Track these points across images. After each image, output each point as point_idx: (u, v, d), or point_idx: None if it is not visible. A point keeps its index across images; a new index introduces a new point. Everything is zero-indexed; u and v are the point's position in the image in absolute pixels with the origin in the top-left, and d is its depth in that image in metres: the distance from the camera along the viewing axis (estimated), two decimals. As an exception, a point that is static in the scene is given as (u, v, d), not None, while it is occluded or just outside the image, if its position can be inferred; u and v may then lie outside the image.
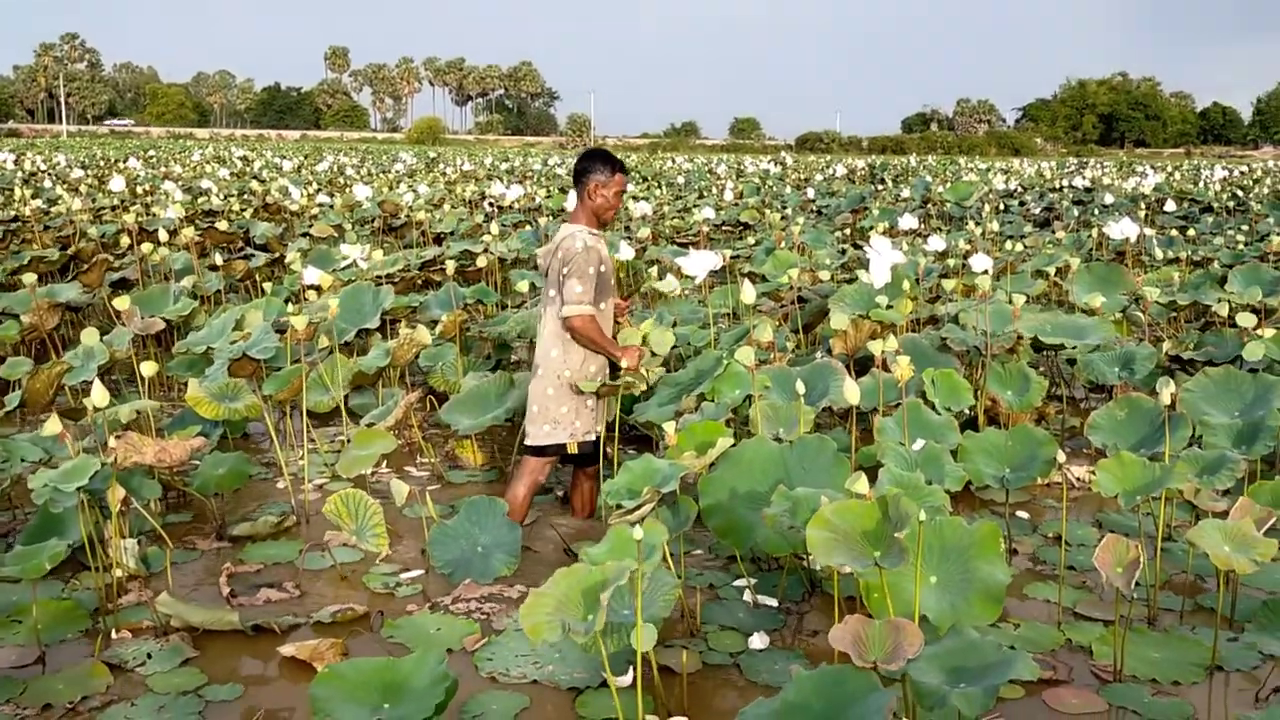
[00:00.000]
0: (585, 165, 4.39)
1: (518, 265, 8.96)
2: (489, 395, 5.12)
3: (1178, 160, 55.61)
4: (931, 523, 3.26)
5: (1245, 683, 3.19)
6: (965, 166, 34.06)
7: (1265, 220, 14.55)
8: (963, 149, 76.40)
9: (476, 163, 33.45)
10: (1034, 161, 47.70)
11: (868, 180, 25.01)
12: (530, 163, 34.69)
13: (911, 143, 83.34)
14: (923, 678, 2.56)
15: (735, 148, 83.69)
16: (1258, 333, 5.47)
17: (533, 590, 2.71)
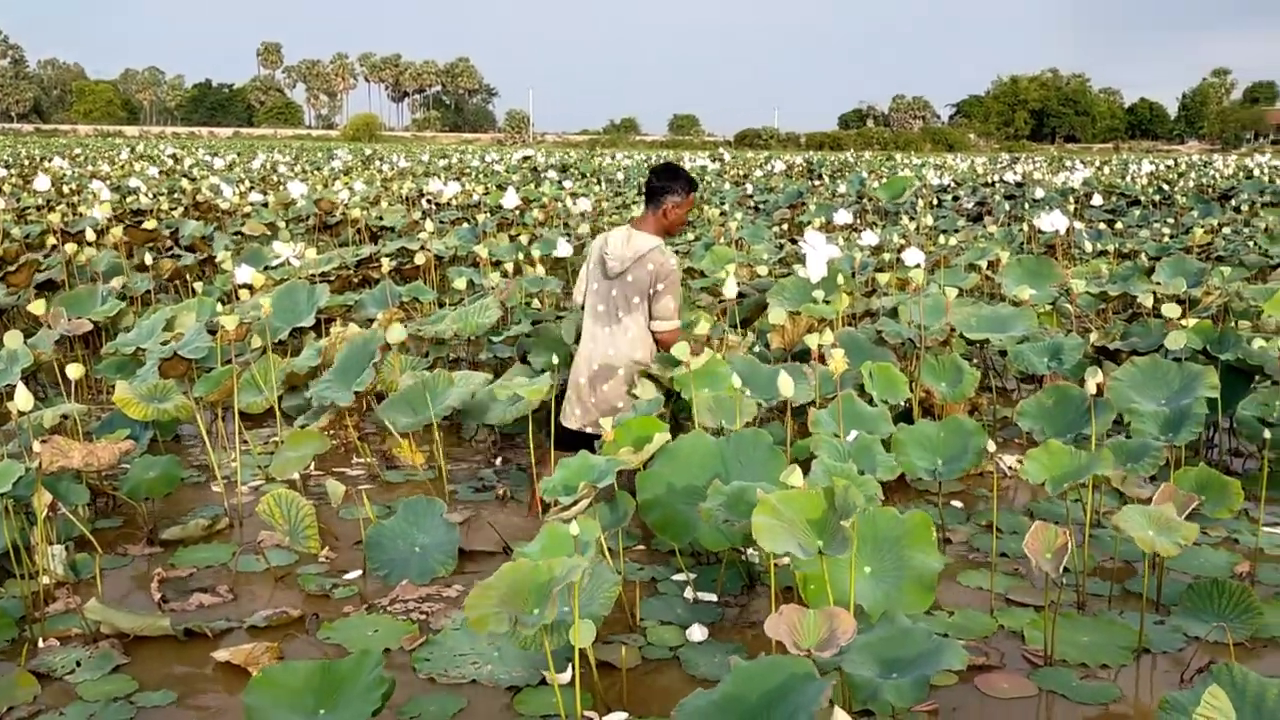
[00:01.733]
0: (664, 184, 4.48)
1: (455, 263, 8.90)
2: (426, 394, 5.08)
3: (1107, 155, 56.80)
4: (865, 513, 3.31)
5: (1171, 664, 3.28)
6: (901, 162, 34.49)
7: (1190, 213, 14.93)
8: (899, 145, 77.29)
9: (414, 160, 33.15)
10: (968, 157, 48.42)
11: (805, 176, 25.21)
12: (468, 159, 34.46)
13: (849, 139, 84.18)
14: (856, 669, 2.59)
15: (675, 144, 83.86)
16: (1182, 323, 5.60)
17: (477, 582, 2.70)
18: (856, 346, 5.53)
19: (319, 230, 11.95)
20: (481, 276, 7.26)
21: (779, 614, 2.62)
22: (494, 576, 2.67)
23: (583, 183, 21.22)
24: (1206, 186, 20.75)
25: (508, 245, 8.92)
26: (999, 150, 72.31)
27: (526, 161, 29.49)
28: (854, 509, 2.89)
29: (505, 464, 5.34)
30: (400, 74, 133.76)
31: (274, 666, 2.79)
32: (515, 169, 25.73)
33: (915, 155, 50.78)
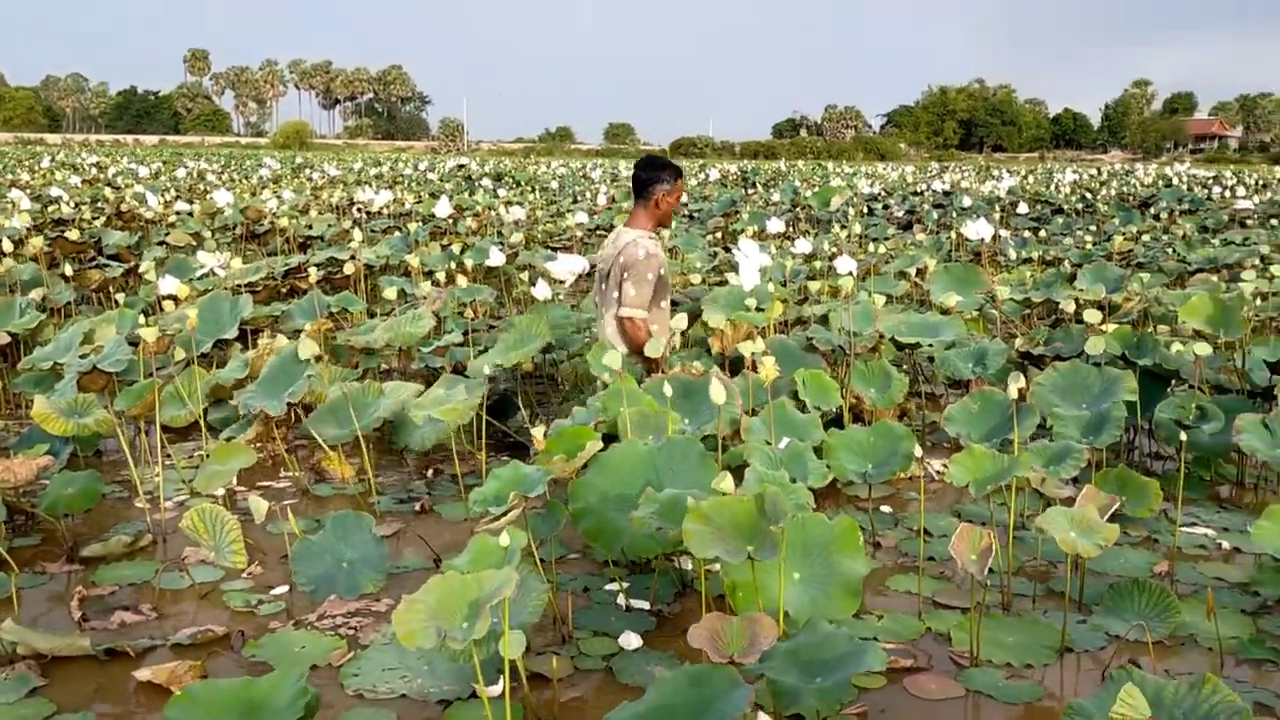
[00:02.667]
0: (650, 175, 4.58)
1: (386, 272, 8.82)
2: (356, 405, 5.02)
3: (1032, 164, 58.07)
4: (795, 519, 3.34)
5: (1092, 663, 3.35)
6: (833, 171, 34.91)
7: (1111, 221, 15.33)
8: (831, 154, 78.27)
9: (345, 168, 32.78)
10: (899, 166, 49.19)
11: (739, 184, 25.41)
12: (401, 168, 34.16)
13: (782, 148, 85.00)
14: (779, 674, 2.61)
15: (610, 152, 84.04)
16: (1102, 328, 5.74)
17: (405, 597, 2.67)
18: (788, 353, 5.58)
19: (246, 240, 11.76)
20: (413, 286, 7.20)
21: (702, 622, 2.64)
22: (421, 590, 2.64)
23: (517, 191, 21.16)
24: (1127, 195, 21.31)
25: (440, 254, 8.86)
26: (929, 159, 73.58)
27: (460, 170, 29.35)
28: (784, 514, 2.92)
29: (437, 475, 5.29)
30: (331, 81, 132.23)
31: (195, 684, 2.74)
32: (449, 177, 25.58)
33: (847, 164, 51.42)
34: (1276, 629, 3.59)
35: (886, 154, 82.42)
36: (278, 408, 4.83)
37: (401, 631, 2.48)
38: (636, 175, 4.63)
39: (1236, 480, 5.22)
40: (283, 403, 4.85)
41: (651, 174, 4.57)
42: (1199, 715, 2.24)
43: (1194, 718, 2.25)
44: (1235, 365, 5.72)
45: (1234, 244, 12.38)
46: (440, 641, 2.45)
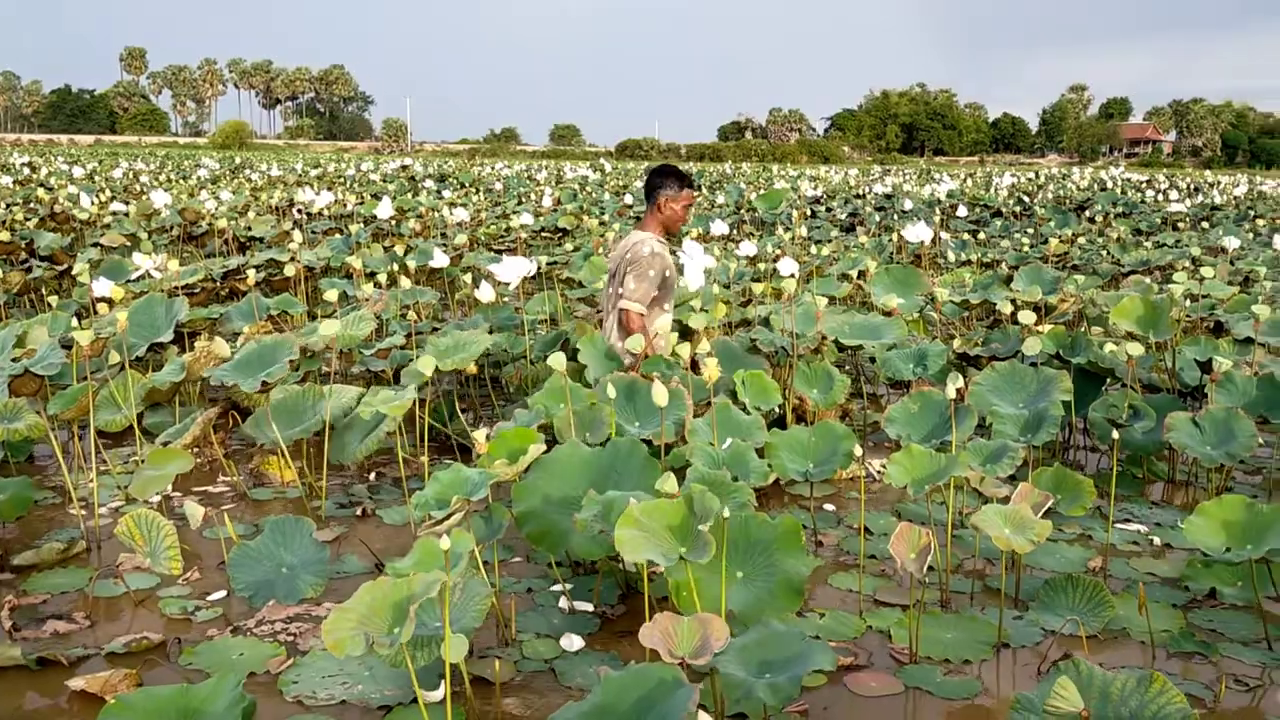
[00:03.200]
0: (657, 180, 4.75)
1: (328, 274, 8.72)
2: (296, 407, 4.96)
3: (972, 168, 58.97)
4: (737, 519, 3.36)
5: (1029, 658, 3.41)
6: (778, 174, 35.16)
7: (1048, 224, 15.61)
8: (776, 157, 78.81)
9: (286, 168, 32.36)
10: (842, 169, 49.67)
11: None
12: (343, 168, 33.79)
13: (728, 150, 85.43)
14: (731, 671, 2.63)
15: (556, 154, 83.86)
16: (1038, 329, 5.85)
17: (336, 606, 2.65)
18: (731, 355, 5.61)
19: (184, 241, 11.57)
20: (354, 288, 7.13)
21: (653, 622, 2.64)
22: (352, 598, 2.61)
23: (461, 192, 21.04)
24: (1064, 198, 21.72)
25: (382, 256, 8.79)
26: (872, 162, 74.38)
27: (404, 171, 29.12)
28: (713, 513, 2.93)
29: (379, 478, 5.25)
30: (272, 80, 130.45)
31: (130, 693, 2.69)
32: (392, 178, 25.36)
33: (792, 167, 51.83)
34: (1206, 623, 3.68)
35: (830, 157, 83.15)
36: (252, 385, 4.77)
37: (330, 640, 2.46)
38: (647, 181, 4.81)
39: (1168, 477, 5.34)
40: (257, 381, 4.79)
41: (658, 179, 4.74)
42: (1145, 715, 2.28)
43: (1140, 716, 2.28)
44: (1166, 365, 5.86)
45: (1166, 246, 12.69)
46: (369, 648, 2.42)
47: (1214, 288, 7.99)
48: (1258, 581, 3.71)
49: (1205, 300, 7.69)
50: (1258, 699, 3.19)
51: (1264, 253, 11.94)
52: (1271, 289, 8.66)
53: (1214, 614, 3.76)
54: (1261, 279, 9.25)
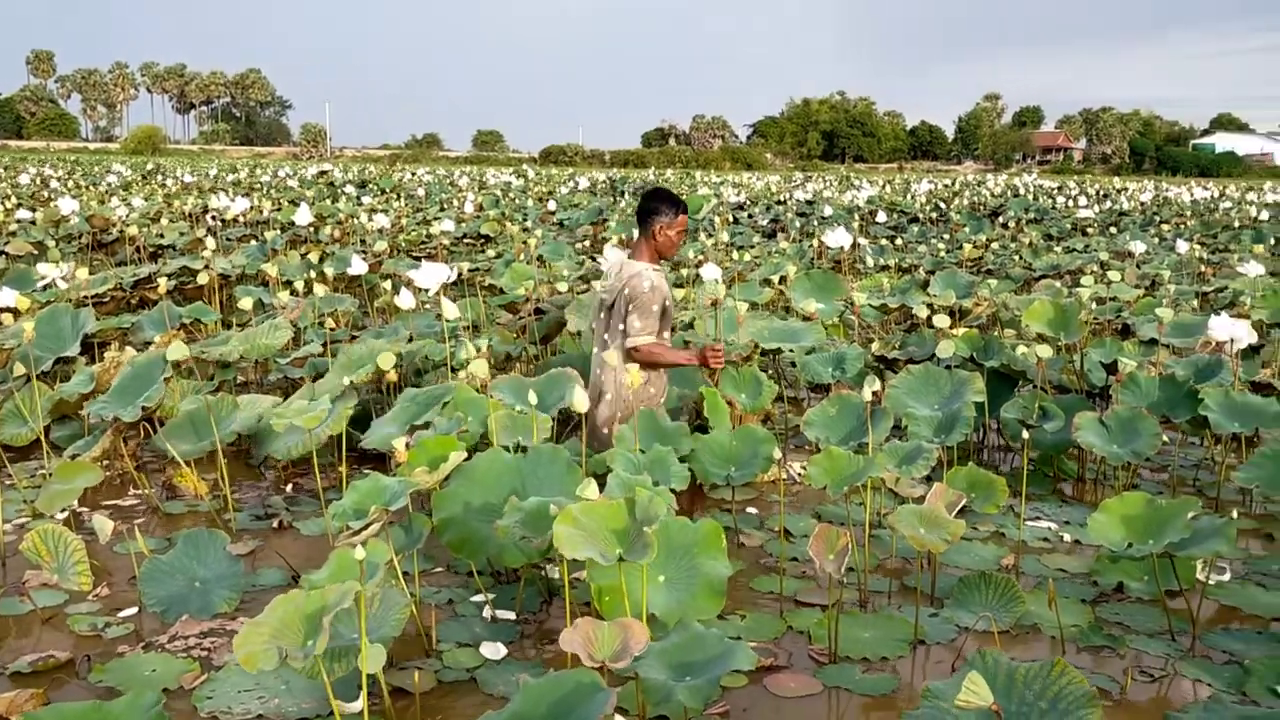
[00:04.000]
0: (652, 205, 4.57)
1: (243, 281, 8.56)
2: (209, 418, 4.86)
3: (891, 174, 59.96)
4: (659, 523, 3.37)
5: (945, 654, 3.48)
6: (701, 180, 35.38)
7: (963, 229, 15.94)
8: (699, 163, 79.26)
9: (200, 174, 31.68)
10: (765, 175, 50.19)
11: (609, 193, 25.52)
12: (260, 174, 33.19)
13: (652, 156, 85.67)
14: (651, 674, 2.64)
15: (479, 160, 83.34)
16: (952, 332, 5.97)
17: (248, 621, 2.60)
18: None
19: (93, 249, 11.27)
20: (270, 296, 7.01)
21: (574, 627, 2.64)
22: (265, 611, 2.57)
23: (382, 198, 20.80)
24: (978, 204, 22.21)
25: (299, 263, 8.65)
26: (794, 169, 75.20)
27: (323, 176, 28.70)
28: (656, 517, 2.95)
29: (296, 490, 5.16)
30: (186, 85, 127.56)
31: (39, 710, 2.61)
32: (310, 184, 24.98)
33: (715, 173, 52.18)
34: (1114, 616, 3.79)
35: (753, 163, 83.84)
36: (132, 413, 4.65)
37: (242, 655, 2.42)
38: (639, 207, 4.68)
39: (1078, 476, 5.49)
40: (137, 408, 4.67)
41: (652, 205, 4.61)
42: (1048, 697, 2.36)
43: (1044, 699, 2.36)
44: (1075, 366, 6.02)
45: (1076, 251, 13.04)
46: (282, 661, 2.39)
47: (1121, 291, 8.24)
48: (1161, 575, 3.83)
49: (1112, 303, 7.93)
50: (1163, 689, 3.29)
51: (1169, 256, 12.34)
52: (1175, 292, 8.96)
53: (1121, 608, 3.87)
54: (1166, 282, 9.56)
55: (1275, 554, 4.45)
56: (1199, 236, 15.61)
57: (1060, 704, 2.35)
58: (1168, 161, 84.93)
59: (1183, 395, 5.09)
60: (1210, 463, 5.68)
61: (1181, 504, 3.63)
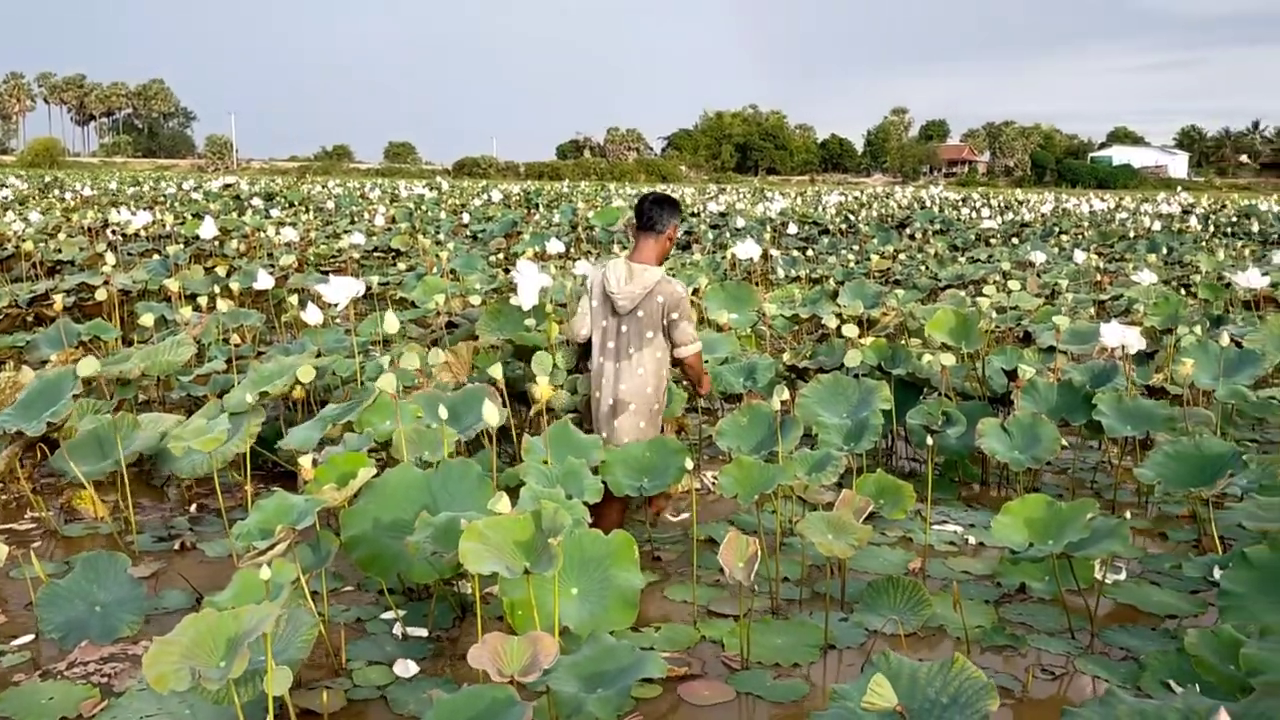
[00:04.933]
0: (660, 212, 4.56)
1: (145, 297, 8.34)
2: (109, 438, 4.72)
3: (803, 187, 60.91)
4: (571, 535, 3.37)
5: (855, 657, 3.54)
6: (616, 192, 35.49)
7: (872, 241, 16.26)
8: (615, 175, 79.51)
9: (100, 187, 30.78)
10: (679, 188, 50.52)
11: (522, 205, 25.45)
12: (163, 187, 32.36)
13: (567, 169, 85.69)
14: (562, 686, 2.64)
15: (391, 172, 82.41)
16: (860, 341, 6.08)
17: (157, 639, 2.53)
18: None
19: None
20: (173, 312, 6.84)
21: (482, 643, 2.63)
22: (175, 630, 2.51)
23: (290, 211, 20.44)
24: (887, 216, 22.66)
25: (204, 278, 8.46)
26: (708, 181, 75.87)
27: (228, 189, 28.09)
28: (562, 528, 2.95)
29: (201, 510, 5.04)
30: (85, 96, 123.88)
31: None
32: (215, 197, 24.43)
33: (630, 185, 52.39)
34: (1016, 616, 3.90)
35: (668, 176, 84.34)
36: (37, 428, 4.50)
37: (152, 675, 2.36)
38: (648, 210, 4.58)
39: (982, 480, 5.63)
40: (42, 423, 4.52)
41: (665, 210, 4.56)
42: (949, 693, 2.41)
43: (945, 695, 2.42)
44: (978, 373, 6.18)
45: (979, 261, 13.39)
46: (195, 683, 2.33)
47: (1021, 300, 8.49)
48: (1060, 575, 3.95)
49: (1013, 311, 8.16)
50: (1063, 687, 3.40)
51: (1067, 266, 12.73)
52: (1073, 300, 9.25)
53: (1023, 608, 3.98)
54: (1064, 291, 9.87)
55: (1169, 553, 4.62)
56: (1096, 247, 16.14)
57: (961, 698, 2.41)
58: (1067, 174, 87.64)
59: (1080, 400, 5.26)
60: (1108, 465, 5.88)
61: (1079, 506, 3.75)
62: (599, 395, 4.64)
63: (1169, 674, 3.19)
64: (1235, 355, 5.90)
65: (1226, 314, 8.63)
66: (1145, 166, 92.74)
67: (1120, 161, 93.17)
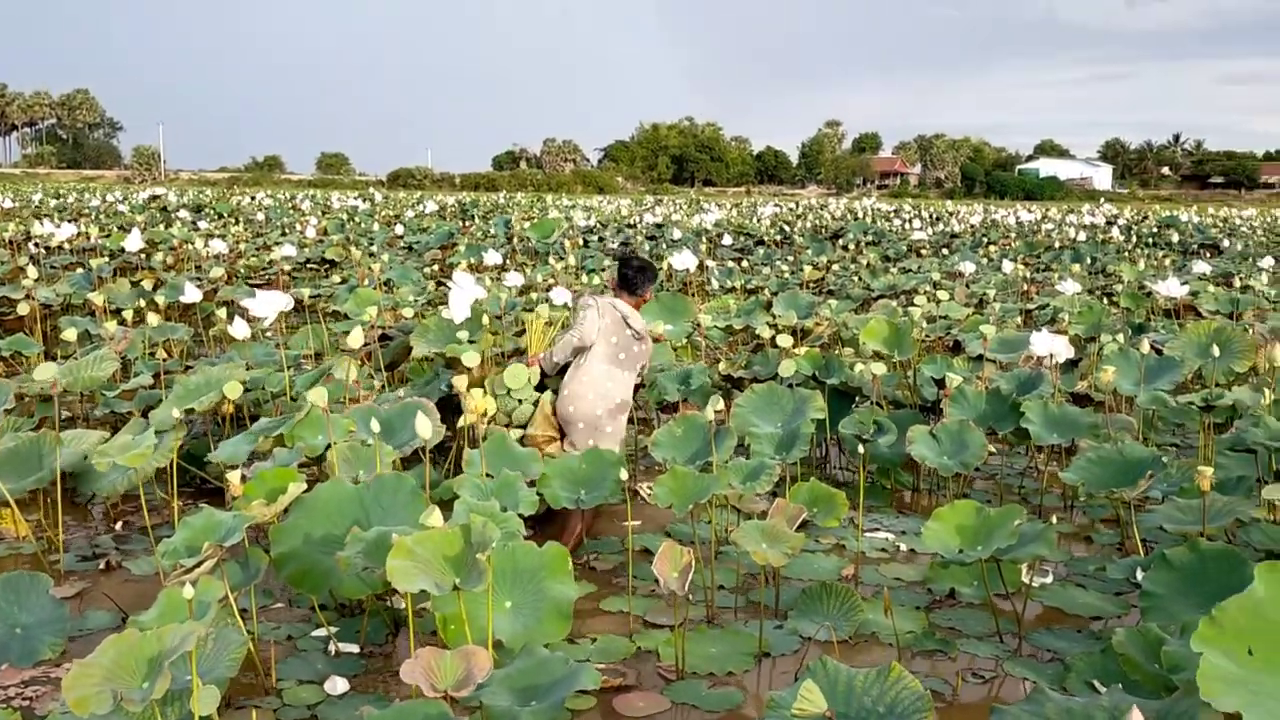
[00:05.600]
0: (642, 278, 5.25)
1: (69, 311, 8.15)
2: (29, 455, 4.60)
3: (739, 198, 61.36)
4: (505, 548, 3.36)
5: (789, 664, 3.56)
6: (552, 204, 35.45)
7: (806, 252, 16.42)
8: (551, 186, 79.35)
9: (22, 199, 29.98)
10: (616, 199, 50.62)
11: (458, 217, 25.31)
12: (88, 199, 31.62)
13: (503, 180, 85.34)
14: (496, 701, 2.62)
15: (324, 183, 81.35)
16: (794, 351, 6.14)
17: (78, 661, 2.47)
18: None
19: (-99, 279, 10.52)
20: (97, 326, 6.69)
21: (415, 658, 2.60)
22: (97, 652, 2.46)
23: (219, 223, 20.10)
24: (820, 227, 22.90)
25: (129, 291, 8.29)
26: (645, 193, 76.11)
27: (155, 201, 27.55)
28: (491, 541, 2.93)
29: (127, 528, 4.93)
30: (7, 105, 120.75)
31: None
32: (142, 209, 23.95)
33: (567, 197, 52.39)
34: (946, 621, 3.96)
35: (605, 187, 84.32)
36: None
37: (73, 698, 2.30)
38: (632, 276, 5.23)
39: (913, 487, 5.71)
40: None
41: (646, 276, 5.27)
42: (886, 702, 2.44)
43: (881, 704, 2.44)
44: (909, 382, 6.28)
45: (911, 272, 13.59)
46: (117, 705, 2.28)
47: (951, 309, 8.63)
48: (989, 580, 4.02)
49: (943, 321, 8.30)
50: (993, 689, 3.46)
51: (995, 276, 12.97)
52: (1001, 310, 9.43)
53: (954, 613, 4.05)
54: (992, 301, 10.06)
55: (1094, 556, 4.73)
56: (1023, 257, 16.46)
57: (897, 708, 2.44)
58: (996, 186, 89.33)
59: (1007, 408, 5.37)
60: (1035, 471, 5.99)
61: (1007, 511, 3.82)
62: (593, 398, 4.94)
63: (1094, 674, 3.25)
64: (1156, 362, 6.06)
65: (1148, 322, 8.87)
66: (1071, 178, 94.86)
67: (1047, 173, 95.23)
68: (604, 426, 4.93)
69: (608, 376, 4.98)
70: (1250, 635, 2.14)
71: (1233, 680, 2.10)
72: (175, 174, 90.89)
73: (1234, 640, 2.14)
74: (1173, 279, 8.72)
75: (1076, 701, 2.49)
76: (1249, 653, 2.13)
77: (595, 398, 4.91)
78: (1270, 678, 2.11)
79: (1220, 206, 53.48)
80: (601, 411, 4.92)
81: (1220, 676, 2.10)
